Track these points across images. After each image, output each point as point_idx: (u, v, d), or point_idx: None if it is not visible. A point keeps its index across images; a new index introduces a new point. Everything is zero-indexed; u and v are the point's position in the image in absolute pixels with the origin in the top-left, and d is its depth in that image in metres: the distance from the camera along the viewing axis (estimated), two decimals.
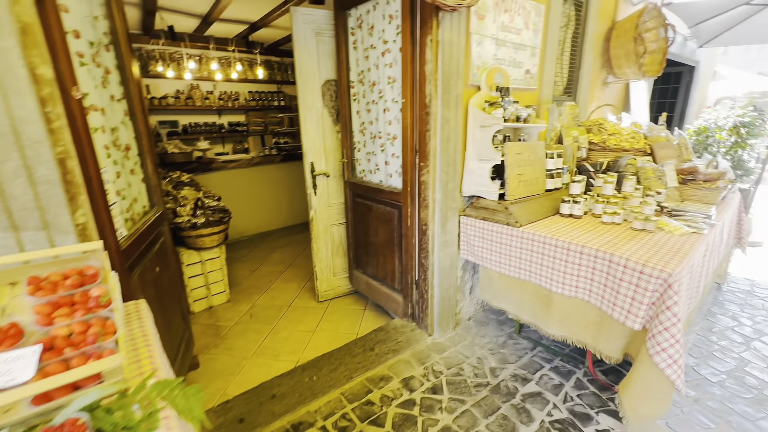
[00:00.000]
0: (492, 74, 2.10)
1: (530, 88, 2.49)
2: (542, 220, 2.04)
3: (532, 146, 2.11)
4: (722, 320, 2.58)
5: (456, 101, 1.96)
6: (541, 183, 2.19)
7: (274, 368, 2.18)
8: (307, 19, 2.46)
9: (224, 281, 3.06)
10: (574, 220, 2.05)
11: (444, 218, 2.11)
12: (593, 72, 3.09)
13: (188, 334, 2.10)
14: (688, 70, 5.32)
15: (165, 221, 1.93)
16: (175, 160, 3.99)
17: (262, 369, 2.19)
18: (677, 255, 1.57)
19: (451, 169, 2.06)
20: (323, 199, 2.83)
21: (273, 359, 2.29)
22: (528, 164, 2.09)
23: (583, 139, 2.70)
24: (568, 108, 2.75)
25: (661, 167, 2.46)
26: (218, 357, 2.33)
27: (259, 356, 2.33)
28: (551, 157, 2.21)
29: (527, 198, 2.09)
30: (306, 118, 2.62)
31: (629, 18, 2.93)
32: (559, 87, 2.92)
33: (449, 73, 1.88)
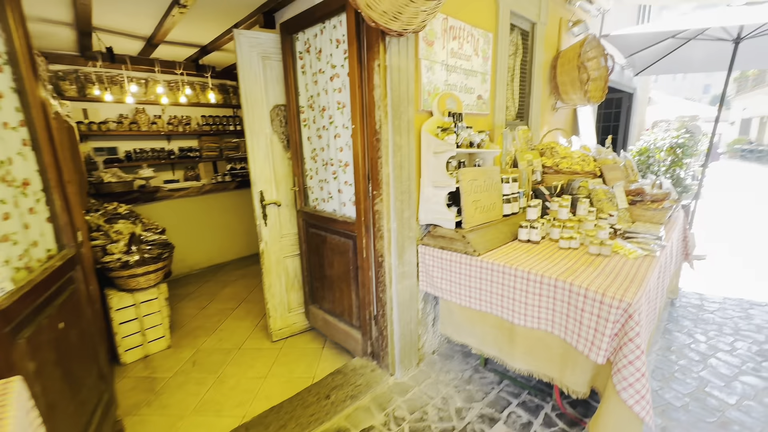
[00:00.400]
0: (444, 100, 2.06)
1: (483, 114, 2.49)
2: (501, 247, 1.97)
3: (488, 171, 2.07)
4: (679, 338, 2.62)
5: (408, 127, 1.89)
6: (498, 208, 2.14)
7: (215, 428, 1.90)
8: (253, 43, 2.34)
9: (164, 325, 2.73)
10: (532, 246, 2.00)
11: (401, 249, 1.99)
12: (543, 98, 3.19)
13: (109, 396, 1.78)
14: (627, 96, 5.73)
15: (78, 265, 1.66)
16: (113, 190, 3.64)
17: (201, 430, 1.90)
18: (634, 281, 1.53)
19: (406, 197, 1.96)
20: (275, 229, 2.63)
21: (215, 416, 2.01)
22: (484, 190, 2.04)
23: (537, 163, 2.72)
24: (521, 132, 2.79)
25: (612, 189, 2.52)
26: (150, 418, 2.01)
27: (199, 413, 2.04)
28: (507, 181, 2.19)
29: (485, 225, 2.02)
30: (254, 145, 2.46)
31: (572, 47, 3.07)
32: (512, 112, 2.98)
33: (399, 98, 1.81)
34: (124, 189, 3.70)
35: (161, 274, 2.69)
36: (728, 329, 2.72)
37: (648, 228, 2.27)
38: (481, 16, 2.31)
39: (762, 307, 3.05)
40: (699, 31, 3.90)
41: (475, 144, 2.05)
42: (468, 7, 2.18)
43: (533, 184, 2.64)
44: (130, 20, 3.43)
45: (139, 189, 3.98)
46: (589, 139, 3.98)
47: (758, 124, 21.21)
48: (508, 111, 2.91)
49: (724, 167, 14.52)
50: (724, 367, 2.27)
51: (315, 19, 2.04)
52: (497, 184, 2.15)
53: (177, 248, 4.21)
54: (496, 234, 2.04)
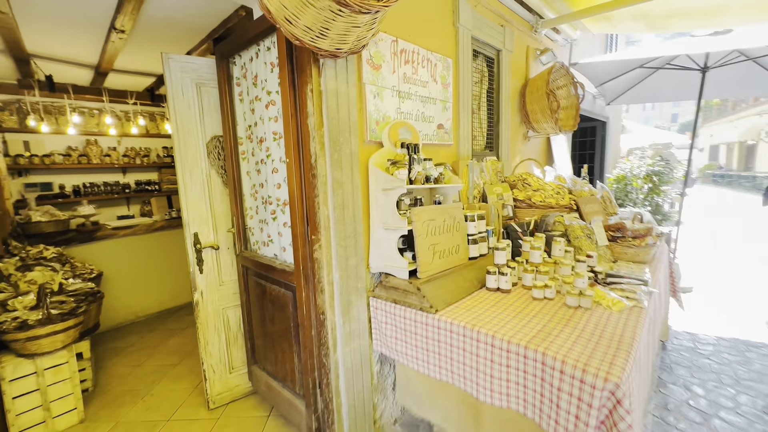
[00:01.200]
0: (396, 129, 1.81)
1: (446, 144, 2.26)
2: (465, 299, 1.67)
3: (448, 210, 1.80)
4: (675, 392, 2.31)
5: (351, 161, 1.62)
6: (462, 252, 1.86)
7: None
8: (186, 68, 2.09)
9: (75, 395, 2.28)
10: (502, 296, 1.70)
11: (346, 303, 1.67)
12: (513, 126, 3.02)
13: None
14: (601, 124, 5.71)
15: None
16: (42, 230, 3.23)
17: None
18: (621, 346, 1.24)
19: (351, 242, 1.66)
20: (212, 276, 2.28)
21: None
22: (444, 231, 1.76)
23: (508, 196, 2.48)
24: (490, 163, 2.56)
25: (590, 224, 2.28)
26: None
27: None
28: (472, 219, 1.91)
29: (446, 272, 1.72)
30: (187, 181, 2.14)
31: (540, 75, 2.94)
32: (480, 142, 2.77)
33: (338, 127, 1.55)
34: (56, 228, 3.29)
35: (75, 332, 2.26)
36: (728, 378, 2.43)
37: (632, 269, 2.02)
38: (439, 41, 2.13)
39: (759, 349, 2.79)
40: (667, 60, 3.88)
41: (432, 178, 1.78)
42: (422, 30, 1.99)
43: (504, 220, 2.38)
44: (69, 47, 3.17)
45: (78, 228, 3.58)
46: (565, 168, 3.82)
47: (725, 150, 22.19)
48: (475, 141, 2.70)
49: (699, 192, 14.87)
50: (730, 430, 1.96)
51: (248, 40, 1.80)
52: (460, 223, 1.87)
53: (122, 293, 3.77)
54: (459, 282, 1.74)
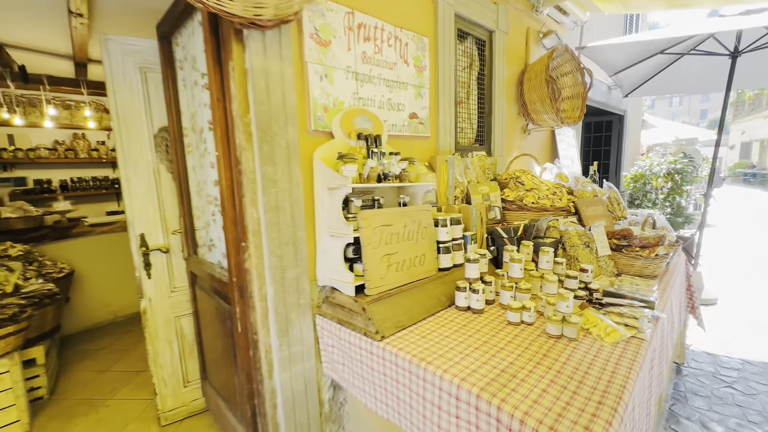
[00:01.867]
0: (350, 117, 1.54)
1: (421, 136, 1.97)
2: (426, 321, 1.39)
3: (410, 213, 1.52)
4: (689, 429, 1.96)
5: (287, 154, 1.36)
6: (428, 263, 1.57)
7: None
8: (127, 50, 1.87)
9: (18, 406, 2.11)
10: (472, 317, 1.42)
11: (284, 322, 1.41)
12: (509, 118, 2.69)
13: None
14: (618, 118, 5.27)
15: None
16: (12, 226, 3.11)
17: None
18: (606, 398, 0.94)
19: (290, 250, 1.40)
20: (162, 282, 2.07)
21: None
22: (405, 239, 1.48)
23: (496, 197, 2.18)
24: (476, 159, 2.26)
25: (589, 231, 1.95)
26: None
27: None
28: (444, 224, 1.63)
29: (405, 287, 1.45)
30: (131, 177, 1.94)
31: (540, 60, 2.60)
32: (468, 135, 2.46)
33: (269, 114, 1.29)
34: (27, 225, 3.17)
35: (17, 339, 2.10)
36: (755, 414, 2.07)
37: (637, 286, 1.69)
38: (411, 17, 1.83)
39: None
40: (692, 45, 3.46)
41: (391, 175, 1.50)
42: (388, 2, 1.70)
43: (491, 223, 2.08)
44: (40, 35, 3.02)
45: (53, 224, 3.46)
46: (571, 165, 3.46)
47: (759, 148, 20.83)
48: (462, 133, 2.40)
49: (728, 193, 13.96)
50: None
51: (180, 13, 1.56)
52: (428, 229, 1.59)
53: (100, 292, 3.64)
54: (422, 300, 1.46)
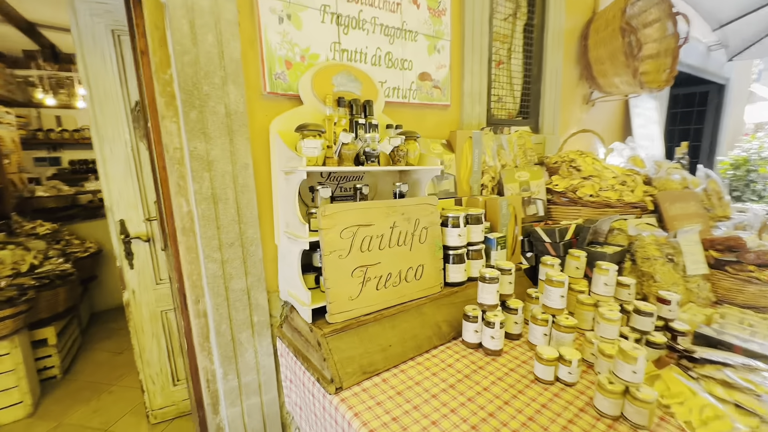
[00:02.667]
0: (327, 76, 1.14)
1: (436, 104, 1.51)
2: (416, 360, 0.98)
3: (400, 208, 1.09)
4: None
5: (227, 125, 1.00)
6: (429, 276, 1.15)
7: None
8: (97, 10, 1.63)
9: (20, 388, 2.09)
10: (485, 361, 0.98)
11: (230, 345, 1.09)
12: (566, 84, 2.09)
13: None
14: (716, 89, 4.20)
15: None
16: (45, 205, 3.20)
17: None
18: None
19: (236, 254, 1.06)
20: (147, 273, 1.88)
21: None
22: (390, 244, 1.06)
23: (539, 186, 1.65)
24: (516, 137, 1.73)
25: (674, 238, 1.37)
26: None
27: None
28: (455, 224, 1.18)
29: (387, 312, 1.04)
30: (107, 156, 1.73)
31: (614, 3, 1.94)
32: (508, 106, 1.93)
33: (197, 68, 0.94)
34: (59, 204, 3.25)
35: (15, 322, 2.06)
36: None
37: (750, 327, 1.11)
38: None
39: None
40: None
41: (375, 155, 1.08)
42: None
43: (529, 222, 1.58)
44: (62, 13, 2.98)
45: (86, 204, 3.54)
46: (650, 146, 2.72)
47: None
48: (500, 104, 1.87)
49: None
50: None
51: None
52: (431, 229, 1.16)
53: None
54: (411, 330, 1.05)
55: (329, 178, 1.20)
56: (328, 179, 1.20)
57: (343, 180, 1.23)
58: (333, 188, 1.21)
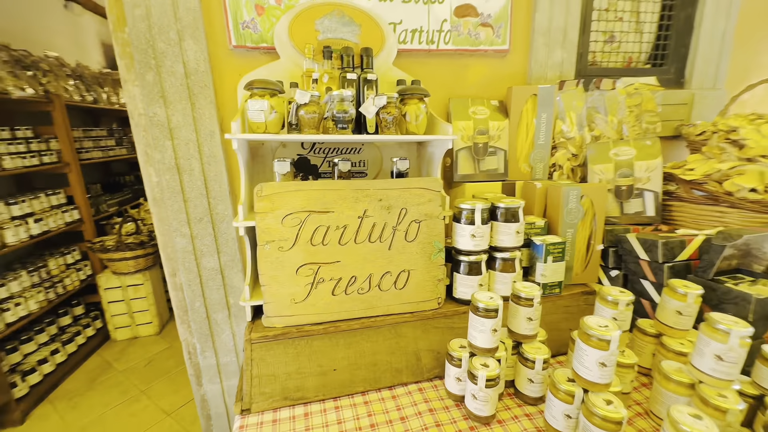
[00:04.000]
0: (308, 19, 0.90)
1: (487, 50, 1.09)
2: (365, 396, 0.74)
3: (374, 191, 0.81)
4: None
5: (188, 86, 0.89)
6: (419, 287, 0.85)
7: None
8: None
9: (150, 311, 2.67)
10: (467, 428, 0.67)
11: (206, 323, 1.05)
12: (746, 5, 1.28)
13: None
14: None
15: None
16: None
17: None
18: None
19: (205, 231, 0.98)
20: None
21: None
22: (358, 239, 0.81)
23: (653, 169, 1.06)
24: (622, 93, 1.15)
25: None
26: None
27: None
28: (470, 218, 0.83)
29: (348, 326, 0.81)
30: None
31: None
32: (631, 47, 1.30)
33: (150, 22, 0.84)
34: None
35: (148, 260, 2.60)
36: None
37: None
38: None
39: None
40: None
41: (344, 121, 0.81)
42: None
43: (623, 226, 1.05)
44: None
45: None
46: None
47: None
48: (612, 44, 1.27)
49: None
50: None
51: None
52: (426, 223, 0.84)
53: None
54: (371, 355, 0.79)
55: (315, 150, 1.00)
56: (313, 151, 0.99)
57: (334, 153, 1.01)
58: (320, 163, 1.00)
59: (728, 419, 0.58)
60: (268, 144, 0.95)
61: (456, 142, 1.07)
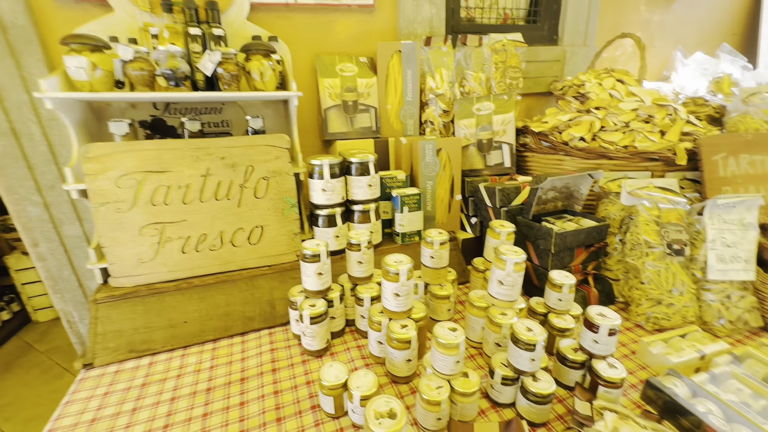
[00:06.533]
0: None
1: (351, 5, 1.08)
2: (216, 344, 0.79)
3: (216, 149, 0.82)
4: None
5: (9, 41, 0.83)
6: (276, 243, 0.89)
7: None
8: None
9: None
10: (298, 362, 0.74)
11: (79, 291, 1.05)
12: None
13: None
14: None
15: None
16: None
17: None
18: None
19: (61, 197, 0.96)
20: None
21: None
22: (202, 197, 0.82)
23: (507, 123, 1.14)
24: (489, 49, 1.19)
25: (699, 215, 0.81)
26: None
27: None
28: (321, 173, 0.87)
29: (197, 281, 0.84)
30: None
31: None
32: (506, 3, 1.33)
33: None
34: None
35: None
36: None
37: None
38: None
39: None
40: None
41: (175, 78, 0.80)
42: None
43: (485, 176, 1.13)
44: None
45: None
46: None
47: None
48: (485, 3, 1.30)
49: None
50: None
51: None
52: (275, 180, 0.87)
53: None
54: (224, 306, 0.84)
55: (170, 111, 0.97)
56: (168, 112, 0.97)
57: (194, 114, 0.99)
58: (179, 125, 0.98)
59: (503, 332, 0.68)
60: (117, 105, 0.92)
61: (324, 100, 1.08)
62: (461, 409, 0.58)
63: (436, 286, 0.81)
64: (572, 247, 0.86)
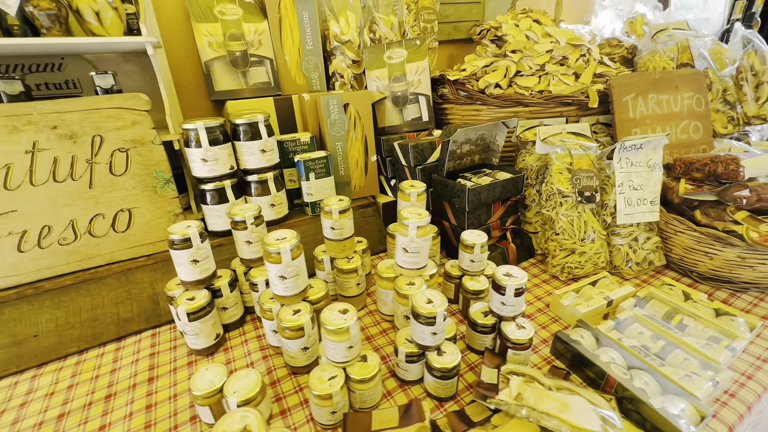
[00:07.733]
0: None
1: None
2: (82, 356, 0.65)
3: (44, 116, 0.64)
4: None
5: None
6: (152, 227, 0.74)
7: None
8: None
9: None
10: (183, 365, 0.62)
11: None
12: None
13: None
14: None
15: None
16: None
17: None
18: None
19: None
20: None
21: None
22: (28, 180, 0.65)
23: (422, 71, 1.04)
24: None
25: (608, 159, 0.78)
26: None
27: None
28: (198, 142, 0.71)
29: (49, 284, 0.68)
30: None
31: None
32: None
33: None
34: None
35: None
36: None
37: (680, 332, 0.61)
38: None
39: None
40: None
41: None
42: None
43: (401, 134, 1.03)
44: None
45: None
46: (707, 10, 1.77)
47: None
48: None
49: None
50: None
51: None
52: (137, 151, 0.71)
53: None
54: (91, 309, 0.69)
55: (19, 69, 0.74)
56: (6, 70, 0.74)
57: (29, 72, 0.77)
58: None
59: (410, 303, 0.62)
60: None
61: (204, 50, 0.89)
62: (360, 397, 0.52)
63: (342, 260, 0.72)
64: (488, 203, 0.81)
